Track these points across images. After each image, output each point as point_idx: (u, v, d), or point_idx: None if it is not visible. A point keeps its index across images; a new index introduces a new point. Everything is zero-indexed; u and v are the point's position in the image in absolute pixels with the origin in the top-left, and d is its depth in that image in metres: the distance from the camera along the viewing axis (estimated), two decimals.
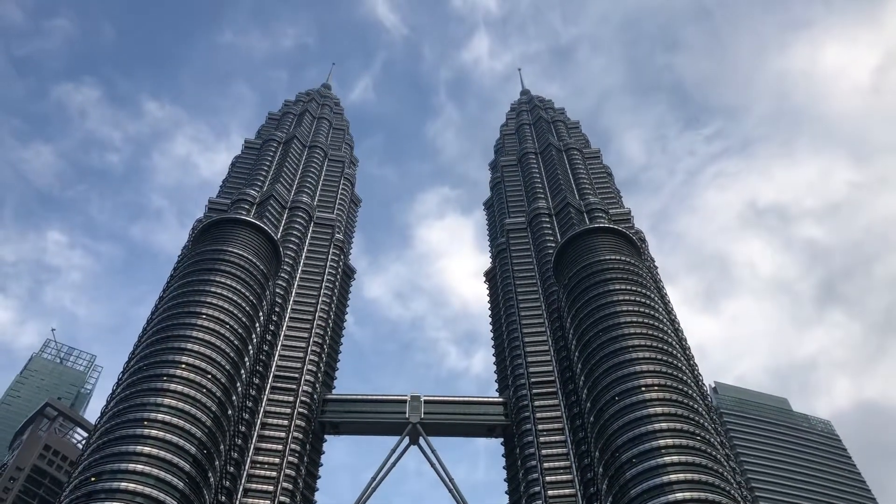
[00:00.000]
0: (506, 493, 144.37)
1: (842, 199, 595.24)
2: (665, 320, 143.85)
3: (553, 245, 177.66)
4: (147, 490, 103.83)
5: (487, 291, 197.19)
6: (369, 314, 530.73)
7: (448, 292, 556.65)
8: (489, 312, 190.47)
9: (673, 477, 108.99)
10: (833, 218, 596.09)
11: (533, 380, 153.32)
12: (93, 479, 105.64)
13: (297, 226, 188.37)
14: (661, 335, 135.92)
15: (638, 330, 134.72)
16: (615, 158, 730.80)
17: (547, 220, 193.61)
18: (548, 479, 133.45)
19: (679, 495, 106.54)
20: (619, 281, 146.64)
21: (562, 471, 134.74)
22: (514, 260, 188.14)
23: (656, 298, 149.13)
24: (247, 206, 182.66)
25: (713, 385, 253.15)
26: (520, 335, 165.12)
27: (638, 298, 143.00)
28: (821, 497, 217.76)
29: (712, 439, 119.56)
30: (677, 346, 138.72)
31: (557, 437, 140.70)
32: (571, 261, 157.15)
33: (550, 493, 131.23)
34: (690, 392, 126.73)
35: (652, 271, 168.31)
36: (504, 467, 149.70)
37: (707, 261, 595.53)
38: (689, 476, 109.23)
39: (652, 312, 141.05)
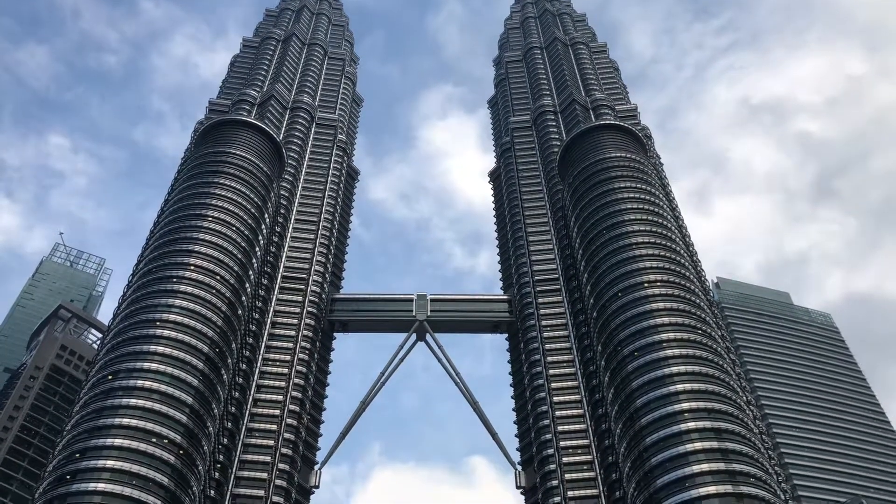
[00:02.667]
0: (510, 385, 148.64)
1: (843, 91, 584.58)
2: (669, 217, 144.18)
3: (558, 143, 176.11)
4: (163, 387, 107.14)
5: (492, 191, 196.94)
6: (374, 216, 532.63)
7: (453, 193, 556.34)
8: (494, 212, 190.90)
9: (674, 369, 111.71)
10: (833, 110, 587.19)
11: (537, 278, 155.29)
12: (109, 377, 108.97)
13: (299, 126, 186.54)
14: (664, 232, 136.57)
15: (642, 227, 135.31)
16: (622, 53, 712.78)
17: (552, 117, 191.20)
18: (551, 372, 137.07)
19: (680, 387, 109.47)
20: (624, 178, 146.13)
21: (565, 364, 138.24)
22: (519, 159, 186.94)
23: (661, 196, 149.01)
24: (247, 108, 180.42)
25: (715, 281, 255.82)
26: (524, 234, 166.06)
27: (643, 196, 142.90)
28: (818, 387, 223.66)
29: (714, 333, 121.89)
30: (681, 243, 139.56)
31: (561, 333, 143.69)
32: (576, 159, 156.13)
33: (554, 385, 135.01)
34: (693, 287, 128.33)
35: (657, 168, 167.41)
36: (509, 362, 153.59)
37: (710, 157, 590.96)
38: (689, 369, 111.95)
39: (656, 210, 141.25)
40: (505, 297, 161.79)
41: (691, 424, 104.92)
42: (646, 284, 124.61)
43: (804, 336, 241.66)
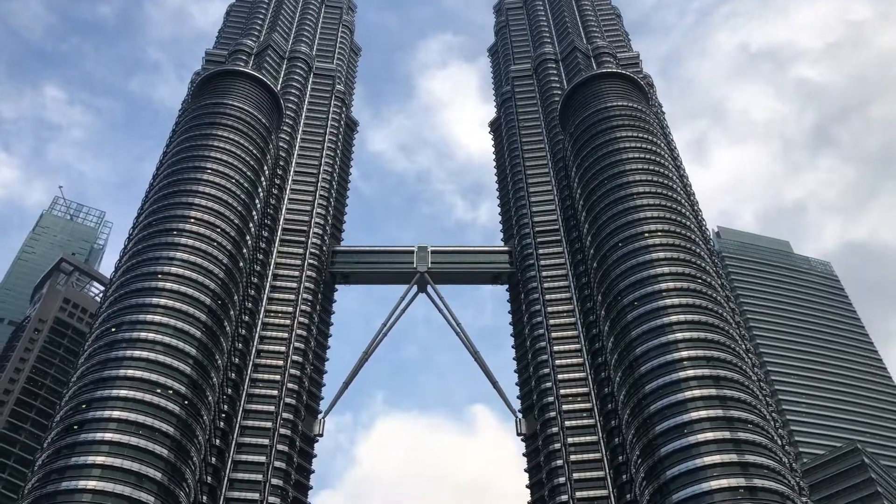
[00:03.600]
0: (511, 336, 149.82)
1: (844, 37, 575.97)
2: (671, 166, 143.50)
3: (559, 92, 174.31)
4: (166, 339, 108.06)
5: (493, 141, 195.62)
6: (374, 167, 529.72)
7: (453, 144, 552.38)
8: (494, 163, 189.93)
9: (673, 318, 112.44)
10: (834, 56, 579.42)
11: (537, 228, 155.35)
12: (113, 329, 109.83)
13: (296, 77, 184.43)
14: (666, 181, 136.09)
15: (643, 177, 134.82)
16: None
17: (553, 66, 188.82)
18: (551, 322, 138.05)
19: (679, 335, 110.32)
20: (626, 128, 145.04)
21: (565, 314, 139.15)
22: (520, 108, 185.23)
23: (662, 145, 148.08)
24: (244, 58, 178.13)
25: (716, 230, 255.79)
26: (525, 184, 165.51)
27: (644, 145, 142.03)
28: (817, 335, 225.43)
29: (713, 282, 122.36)
30: (682, 192, 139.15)
31: (561, 283, 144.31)
32: (578, 108, 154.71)
33: (554, 335, 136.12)
34: (693, 237, 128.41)
35: (659, 117, 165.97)
36: (509, 312, 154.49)
37: (710, 107, 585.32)
38: (688, 318, 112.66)
39: (658, 159, 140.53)
40: (505, 248, 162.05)
41: (690, 372, 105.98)
42: (646, 234, 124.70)
43: (804, 285, 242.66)
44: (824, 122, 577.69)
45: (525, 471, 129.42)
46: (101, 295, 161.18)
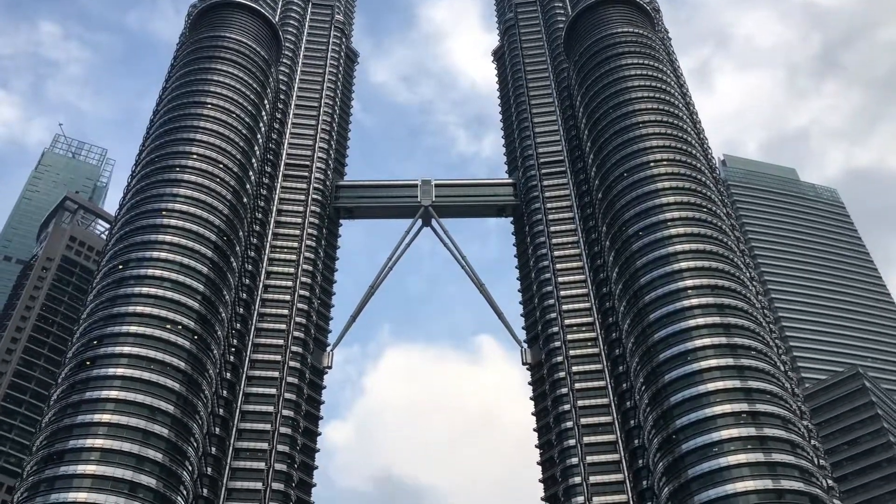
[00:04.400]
0: (515, 268, 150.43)
1: None
2: (677, 94, 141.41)
3: (564, 18, 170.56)
4: (174, 275, 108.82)
5: (496, 71, 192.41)
6: (376, 100, 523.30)
7: (456, 74, 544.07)
8: (498, 93, 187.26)
9: (678, 247, 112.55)
10: None
11: (542, 160, 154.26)
12: (120, 266, 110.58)
13: (294, 7, 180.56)
14: (671, 109, 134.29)
15: (649, 105, 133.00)
16: None
17: None
18: (556, 253, 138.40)
19: (684, 264, 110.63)
20: (632, 55, 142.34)
21: (570, 246, 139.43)
22: (523, 36, 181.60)
23: (668, 72, 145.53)
24: None
25: (721, 158, 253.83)
26: (529, 115, 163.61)
27: (650, 73, 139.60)
28: (821, 262, 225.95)
29: (718, 211, 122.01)
30: (688, 121, 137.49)
31: (566, 215, 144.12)
32: (582, 35, 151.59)
33: (558, 266, 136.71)
34: (699, 166, 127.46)
35: (665, 44, 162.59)
36: (514, 245, 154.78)
37: (715, 32, 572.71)
38: (693, 247, 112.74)
39: (664, 87, 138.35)
40: (510, 180, 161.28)
41: (694, 301, 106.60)
42: (651, 164, 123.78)
43: (809, 212, 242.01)
44: (830, 46, 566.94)
45: (530, 399, 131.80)
46: (106, 233, 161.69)
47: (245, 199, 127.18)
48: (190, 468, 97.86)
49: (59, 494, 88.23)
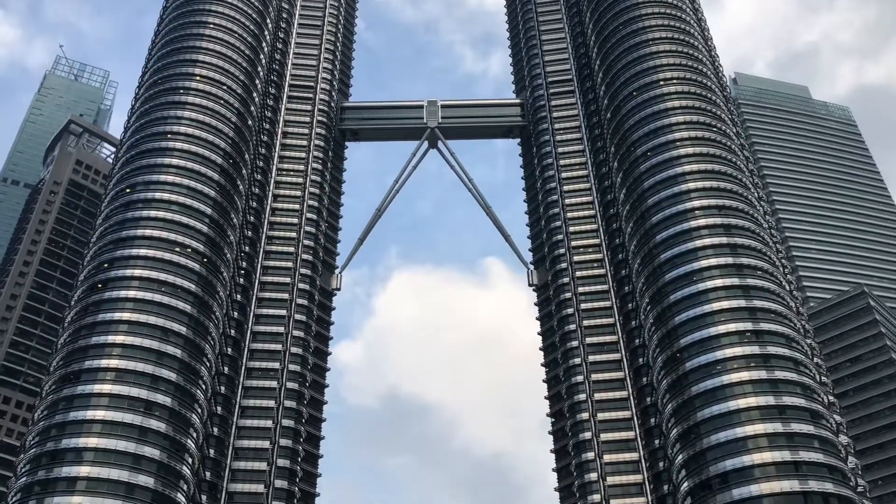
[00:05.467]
0: (523, 190, 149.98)
1: None
2: (689, 12, 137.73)
3: None
4: (181, 199, 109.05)
5: None
6: (381, 18, 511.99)
7: None
8: (506, 10, 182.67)
9: (686, 168, 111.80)
10: None
11: (550, 79, 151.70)
12: (127, 190, 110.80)
13: None
14: (683, 26, 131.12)
15: (660, 22, 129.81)
16: None
17: None
18: (563, 175, 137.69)
19: (692, 184, 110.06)
20: None
21: (577, 167, 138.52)
22: None
23: None
24: None
25: (733, 76, 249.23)
26: (537, 33, 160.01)
27: None
28: (831, 180, 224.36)
29: (728, 131, 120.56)
30: (699, 38, 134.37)
31: (574, 136, 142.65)
32: None
33: (566, 188, 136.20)
34: (710, 84, 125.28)
35: None
36: (521, 167, 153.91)
37: None
38: (702, 167, 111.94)
39: (675, 3, 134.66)
40: (517, 100, 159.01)
41: (701, 221, 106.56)
42: (661, 83, 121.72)
43: (820, 131, 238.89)
44: None
45: (536, 319, 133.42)
46: (112, 157, 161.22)
47: (250, 122, 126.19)
48: (203, 387, 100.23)
49: (78, 412, 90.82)
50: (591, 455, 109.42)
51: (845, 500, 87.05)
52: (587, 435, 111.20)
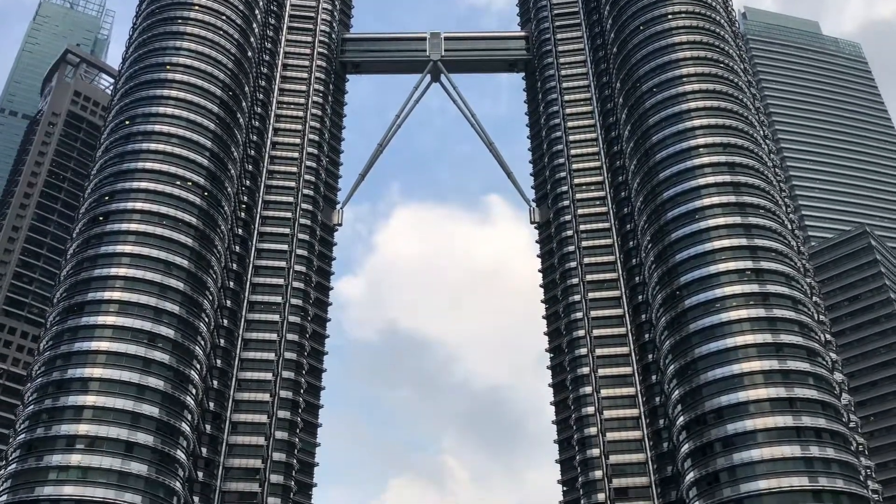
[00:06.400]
0: (526, 125, 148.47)
1: None
2: None
3: None
4: (181, 131, 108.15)
5: None
6: None
7: None
8: None
9: (692, 105, 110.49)
10: None
11: (556, 11, 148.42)
12: (127, 122, 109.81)
13: None
14: None
15: None
16: None
17: None
18: (568, 111, 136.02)
19: (697, 122, 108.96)
20: None
21: (582, 103, 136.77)
22: None
23: None
24: None
25: (743, 11, 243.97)
26: None
27: None
28: (838, 119, 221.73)
29: (736, 67, 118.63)
30: None
31: (579, 70, 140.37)
32: None
33: (570, 124, 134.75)
34: (718, 19, 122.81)
35: None
36: (525, 101, 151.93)
37: None
38: (708, 104, 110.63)
39: None
40: (522, 33, 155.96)
41: (705, 159, 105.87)
42: (669, 16, 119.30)
43: (830, 68, 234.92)
44: None
45: (537, 256, 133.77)
46: (111, 88, 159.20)
47: (249, 54, 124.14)
48: (206, 320, 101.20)
49: (83, 343, 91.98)
50: (588, 390, 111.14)
51: (837, 435, 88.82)
52: (585, 370, 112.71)
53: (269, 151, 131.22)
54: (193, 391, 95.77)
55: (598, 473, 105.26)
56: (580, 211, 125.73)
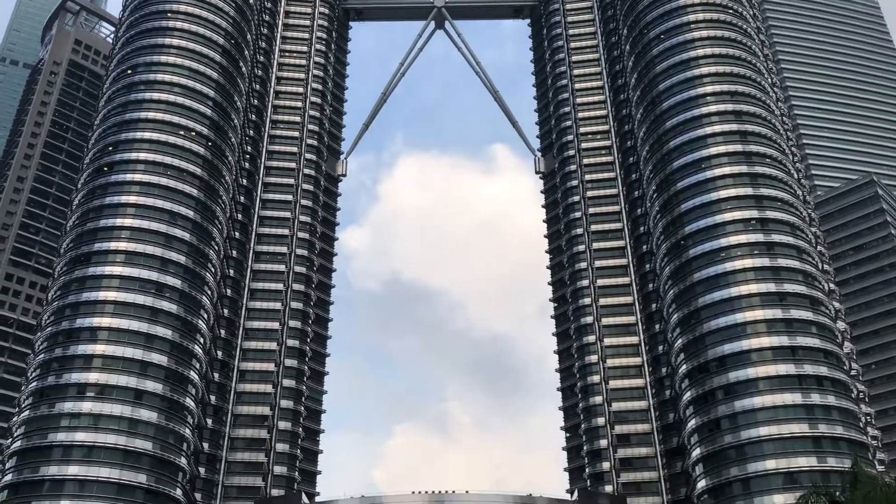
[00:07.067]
0: (532, 74, 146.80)
1: None
2: None
3: None
4: (183, 80, 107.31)
5: None
6: None
7: None
8: None
9: (700, 52, 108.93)
10: None
11: None
12: (129, 71, 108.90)
13: None
14: None
15: None
16: None
17: None
18: (574, 59, 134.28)
19: (704, 69, 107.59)
20: None
21: (589, 50, 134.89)
22: None
23: None
24: None
25: None
26: None
27: None
28: (849, 67, 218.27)
29: (744, 12, 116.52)
30: None
31: (586, 17, 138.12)
32: None
33: (576, 72, 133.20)
34: None
35: None
36: (531, 49, 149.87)
37: None
38: (716, 51, 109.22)
39: None
40: None
41: (713, 108, 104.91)
42: None
43: (841, 13, 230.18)
44: None
45: (542, 207, 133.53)
46: (112, 36, 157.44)
47: (252, 1, 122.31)
48: (213, 270, 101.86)
49: (90, 293, 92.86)
50: (591, 338, 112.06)
51: (838, 383, 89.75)
52: (589, 319, 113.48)
53: (273, 101, 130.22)
54: (201, 340, 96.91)
55: (601, 420, 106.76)
56: (585, 161, 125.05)
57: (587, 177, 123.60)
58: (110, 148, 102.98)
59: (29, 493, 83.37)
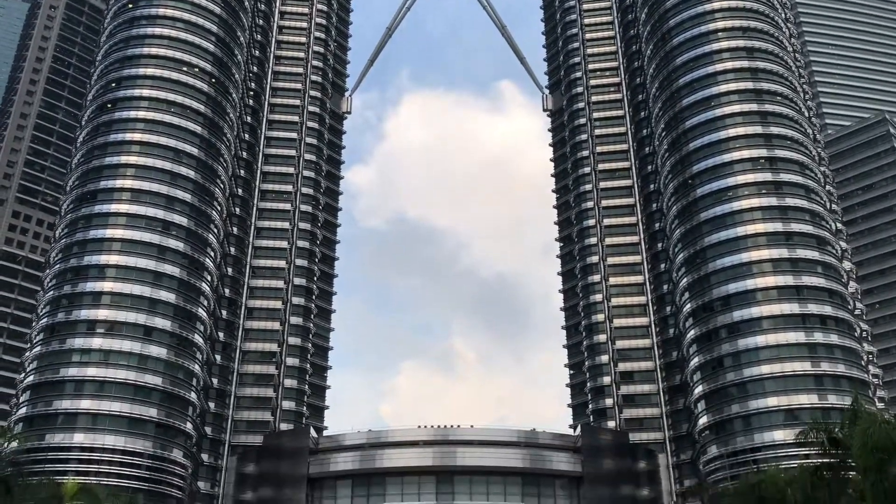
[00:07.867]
0: (540, 8, 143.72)
1: None
2: None
3: None
4: (185, 15, 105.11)
5: None
6: None
7: None
8: None
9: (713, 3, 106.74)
10: None
11: None
12: (130, 5, 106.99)
13: None
14: None
15: None
16: None
17: None
18: (584, 7, 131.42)
19: (716, 4, 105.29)
20: None
21: None
22: None
23: None
24: None
25: None
26: None
27: None
28: (863, 4, 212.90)
29: None
30: None
31: None
32: None
33: (585, 7, 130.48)
34: None
35: None
36: None
37: None
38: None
39: None
40: None
41: (724, 44, 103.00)
42: None
43: None
44: None
45: (549, 145, 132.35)
46: None
47: None
48: (219, 208, 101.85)
49: (97, 231, 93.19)
50: (597, 278, 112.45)
51: (841, 322, 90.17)
52: (594, 259, 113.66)
53: (276, 37, 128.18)
54: (208, 277, 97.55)
55: (605, 358, 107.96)
56: (594, 98, 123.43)
57: (595, 115, 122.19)
58: (113, 84, 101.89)
59: (42, 426, 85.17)
